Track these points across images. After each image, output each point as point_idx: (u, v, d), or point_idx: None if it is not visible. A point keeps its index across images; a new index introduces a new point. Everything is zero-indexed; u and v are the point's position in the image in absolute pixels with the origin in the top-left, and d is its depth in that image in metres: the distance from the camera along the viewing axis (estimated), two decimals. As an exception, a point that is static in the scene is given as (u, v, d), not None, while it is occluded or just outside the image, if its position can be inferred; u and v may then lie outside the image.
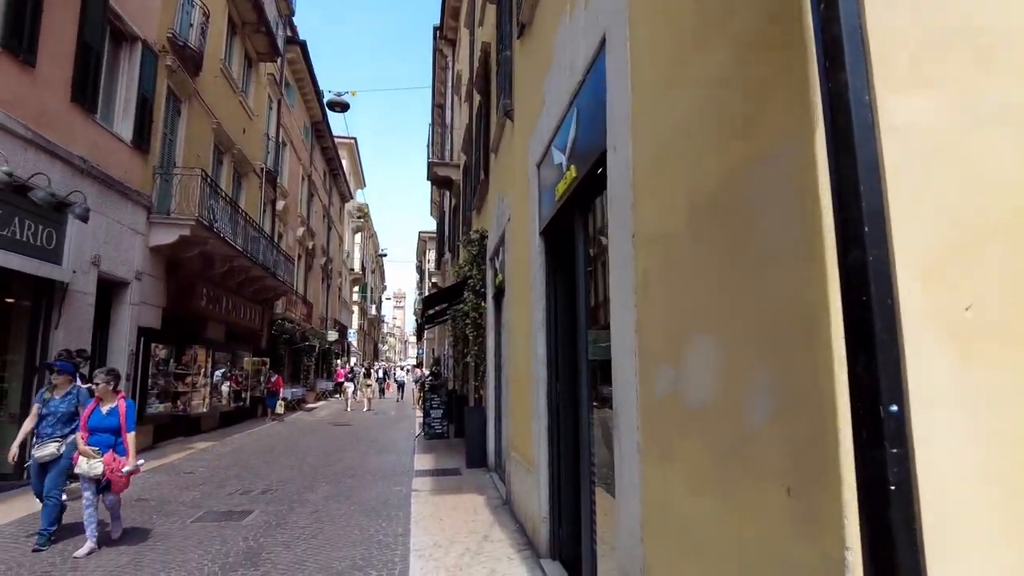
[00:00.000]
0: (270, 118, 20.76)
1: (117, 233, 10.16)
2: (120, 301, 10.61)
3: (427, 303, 10.95)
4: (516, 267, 6.58)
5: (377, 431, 15.69)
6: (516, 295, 6.61)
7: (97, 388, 5.51)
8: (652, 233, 2.54)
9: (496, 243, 8.56)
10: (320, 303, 31.80)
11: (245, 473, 9.50)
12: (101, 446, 5.39)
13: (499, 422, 9.20)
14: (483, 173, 10.67)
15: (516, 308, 6.57)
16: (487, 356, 9.58)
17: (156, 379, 11.54)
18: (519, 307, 6.35)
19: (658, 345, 2.44)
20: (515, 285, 6.67)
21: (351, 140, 42.75)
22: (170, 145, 12.43)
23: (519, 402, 6.31)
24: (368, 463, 10.48)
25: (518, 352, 6.40)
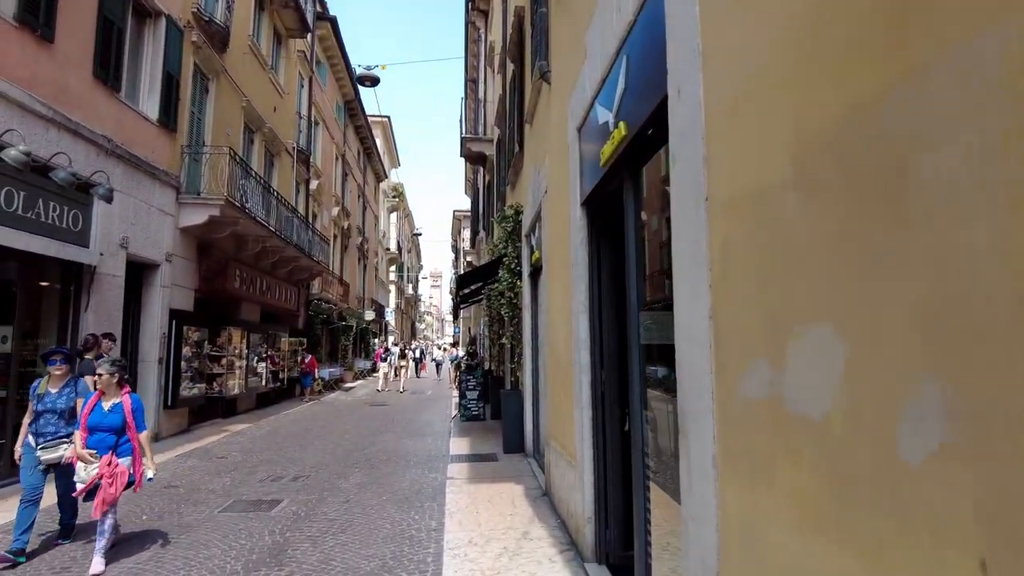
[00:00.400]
0: (301, 96, 20.48)
1: (145, 214, 9.97)
2: (151, 283, 10.46)
3: (461, 282, 10.52)
4: (554, 243, 6.07)
5: (413, 412, 15.47)
6: (554, 273, 6.10)
7: (100, 380, 4.80)
8: (735, 193, 2.00)
9: (532, 218, 8.05)
10: (356, 283, 31.81)
11: (278, 457, 9.31)
12: (100, 448, 4.70)
13: (537, 406, 8.78)
14: (517, 145, 10.15)
15: (554, 287, 6.07)
16: (523, 337, 9.12)
17: (190, 362, 11.44)
18: (557, 286, 5.85)
19: (746, 335, 1.91)
20: (553, 263, 6.16)
21: (384, 119, 42.43)
22: (198, 124, 12.19)
23: (558, 388, 5.84)
24: (403, 447, 10.19)
25: (557, 335, 5.91)
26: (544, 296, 6.83)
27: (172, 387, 10.66)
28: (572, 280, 4.92)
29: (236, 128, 14.08)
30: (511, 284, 9.40)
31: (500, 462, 8.57)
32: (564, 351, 5.44)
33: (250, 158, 15.40)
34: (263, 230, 13.55)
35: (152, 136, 10.22)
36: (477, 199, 27.68)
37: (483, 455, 9.07)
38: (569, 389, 5.15)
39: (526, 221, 8.78)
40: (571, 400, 5.08)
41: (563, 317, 5.51)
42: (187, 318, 11.25)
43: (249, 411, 15.02)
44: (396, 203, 48.72)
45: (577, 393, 4.77)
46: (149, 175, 10.07)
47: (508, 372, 12.28)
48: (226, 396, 13.42)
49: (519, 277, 9.43)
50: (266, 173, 16.74)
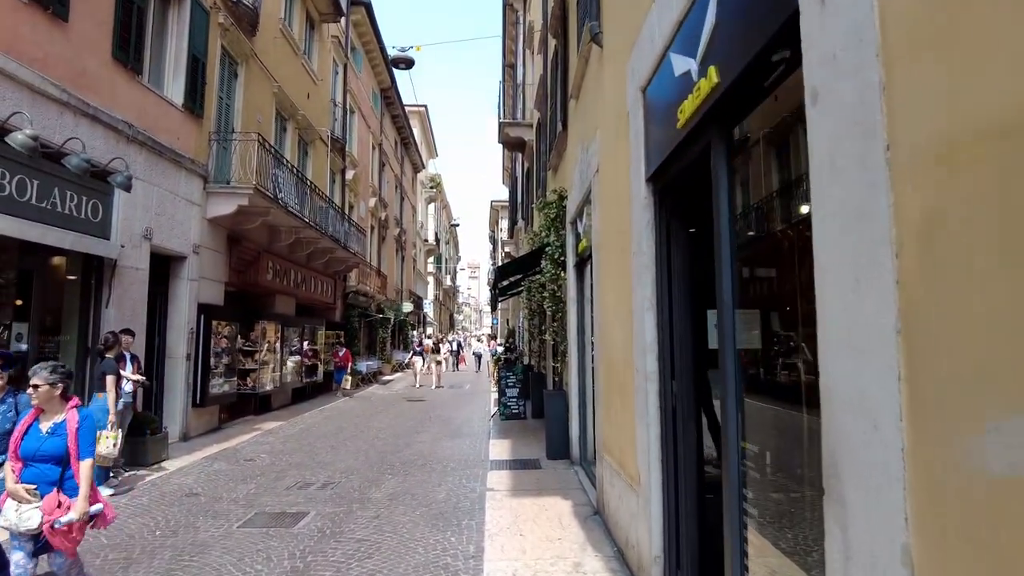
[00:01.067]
0: (336, 83, 20.01)
1: (170, 204, 9.53)
2: (177, 277, 10.04)
3: (500, 274, 9.81)
4: (608, 228, 5.29)
5: (451, 409, 14.89)
6: (608, 264, 5.33)
7: (35, 395, 3.54)
8: (958, 135, 1.21)
9: (579, 203, 7.27)
10: (394, 274, 31.47)
11: (308, 460, 8.79)
12: (41, 483, 3.48)
13: (583, 408, 8.03)
14: (561, 125, 9.37)
15: (609, 281, 5.29)
16: (568, 334, 8.37)
17: (220, 357, 11.03)
18: (613, 279, 5.07)
19: (987, 369, 1.13)
20: (607, 251, 5.39)
21: (422, 108, 41.94)
22: (227, 110, 11.74)
23: (614, 396, 5.08)
24: (440, 449, 9.57)
25: (611, 335, 5.15)
26: (594, 290, 6.06)
27: (201, 384, 10.26)
28: (634, 271, 4.14)
29: (267, 115, 13.62)
30: (554, 276, 8.65)
31: (544, 470, 7.85)
32: (622, 354, 4.68)
33: (283, 147, 14.96)
34: (296, 220, 13.07)
35: (177, 122, 9.77)
36: (515, 188, 26.94)
37: (525, 461, 8.37)
38: (628, 399, 4.39)
39: (571, 206, 8.02)
40: (630, 411, 4.32)
41: (620, 315, 4.74)
42: (216, 312, 10.83)
43: (284, 407, 14.66)
44: (434, 194, 48.29)
45: (641, 406, 4.00)
46: (174, 163, 9.62)
47: (550, 370, 11.56)
48: (259, 393, 13.03)
49: (563, 268, 8.67)
50: (299, 162, 16.30)
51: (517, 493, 6.77)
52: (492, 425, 11.88)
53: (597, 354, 5.93)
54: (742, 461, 2.70)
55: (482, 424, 12.23)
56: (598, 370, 5.88)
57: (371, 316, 23.95)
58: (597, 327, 5.92)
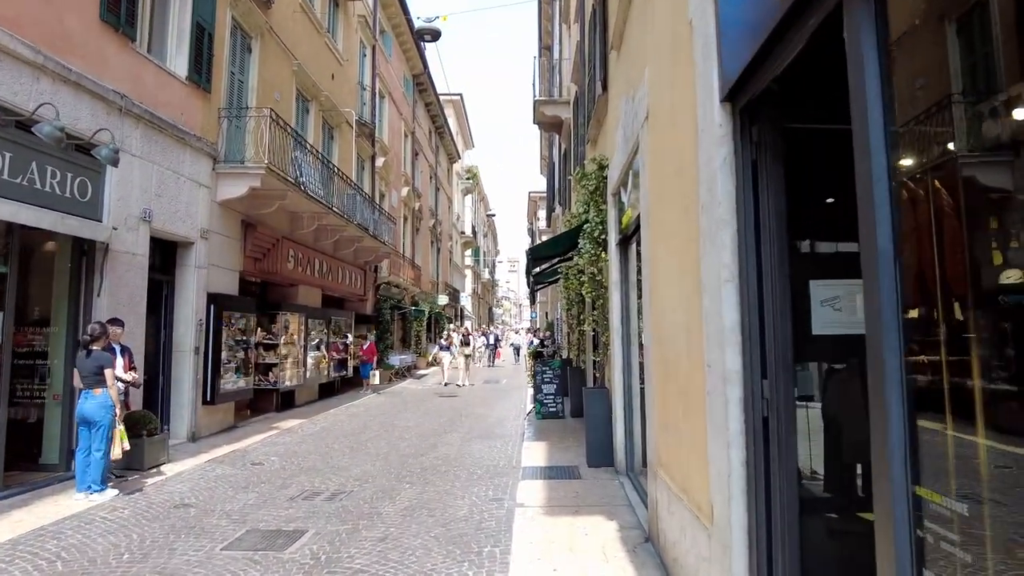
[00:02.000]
0: (364, 66, 19.19)
1: (173, 184, 8.76)
2: (184, 264, 9.29)
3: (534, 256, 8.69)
4: (663, 186, 4.17)
5: (484, 405, 13.91)
6: (664, 231, 4.21)
7: None
8: None
9: (623, 167, 6.16)
10: (429, 266, 30.71)
11: (322, 464, 7.92)
12: None
13: (629, 409, 6.93)
14: (600, 86, 8.26)
15: (665, 252, 4.18)
16: (611, 323, 7.27)
17: (234, 351, 10.28)
18: (671, 250, 3.96)
19: None
20: (661, 215, 4.27)
21: (456, 97, 41.06)
22: (240, 87, 10.95)
23: (673, 400, 3.98)
24: (467, 453, 8.59)
25: (669, 320, 4.03)
26: (644, 268, 4.94)
27: (211, 380, 9.51)
28: (704, 231, 3.03)
29: (287, 94, 12.82)
30: (593, 256, 7.55)
31: (584, 481, 6.78)
32: (684, 347, 3.57)
33: (305, 129, 14.17)
34: (317, 205, 12.26)
35: (181, 96, 8.99)
36: (553, 174, 25.80)
37: (562, 469, 7.31)
38: (696, 406, 3.28)
39: (613, 175, 6.90)
40: (698, 422, 3.22)
41: (682, 294, 3.63)
42: (229, 302, 10.07)
43: (309, 403, 13.93)
44: (471, 185, 47.41)
45: (717, 416, 2.90)
46: (178, 140, 8.84)
47: (590, 364, 10.45)
48: (280, 388, 12.29)
49: (604, 248, 7.56)
50: (324, 147, 15.52)
51: (552, 510, 5.72)
52: (527, 425, 10.86)
53: (648, 347, 4.82)
54: (916, 522, 1.58)
55: (516, 423, 11.21)
56: (649, 367, 4.78)
57: (404, 308, 23.18)
58: (647, 314, 4.81)
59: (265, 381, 12.22)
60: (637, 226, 5.94)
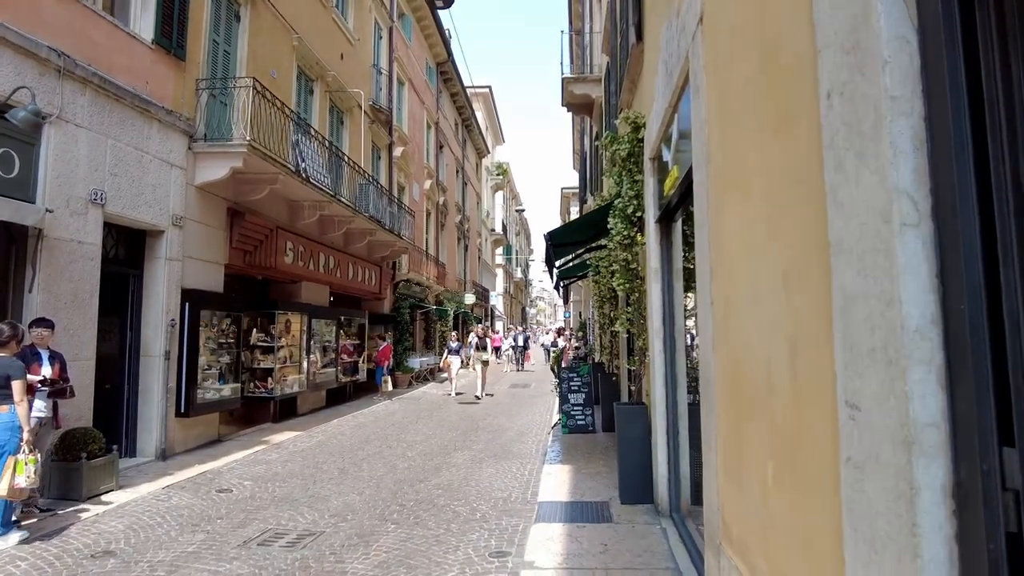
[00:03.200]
0: (379, 48, 17.96)
1: (135, 163, 7.56)
2: (153, 256, 8.10)
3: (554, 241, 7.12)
4: (734, 99, 2.67)
5: (505, 415, 12.47)
6: (735, 169, 2.71)
7: None
8: None
9: (665, 115, 4.67)
10: (455, 264, 29.44)
11: (300, 493, 6.60)
12: None
13: (675, 434, 5.42)
14: (635, 34, 6.81)
15: (737, 204, 2.66)
16: (649, 322, 5.76)
17: (217, 355, 9.07)
18: (750, 195, 2.46)
19: None
20: (732, 145, 2.75)
21: (485, 89, 39.72)
22: (225, 59, 9.74)
23: (753, 444, 2.47)
24: (475, 479, 7.17)
25: (746, 316, 2.52)
26: (699, 236, 3.42)
27: (186, 389, 8.29)
28: (836, 140, 1.52)
29: (285, 72, 11.61)
30: (626, 239, 6.04)
31: (616, 525, 5.28)
32: (785, 360, 2.06)
33: (309, 111, 12.96)
34: (317, 192, 11.01)
35: (145, 62, 7.79)
36: (584, 164, 24.27)
37: (589, 506, 5.82)
38: (810, 470, 1.78)
39: (652, 131, 5.39)
40: (817, 506, 1.71)
41: (773, 270, 2.13)
42: (209, 300, 8.85)
43: (314, 411, 12.70)
44: (501, 181, 46.05)
45: (875, 514, 1.39)
46: (141, 112, 7.64)
47: (624, 374, 8.93)
48: (277, 396, 11.06)
49: (639, 228, 6.06)
50: (333, 132, 14.31)
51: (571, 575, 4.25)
52: (550, 440, 9.38)
53: (705, 355, 3.31)
54: None
55: (538, 438, 9.73)
56: (708, 383, 3.26)
57: (426, 308, 21.90)
58: (704, 307, 3.30)
59: (261, 388, 11.03)
60: (684, 192, 4.44)
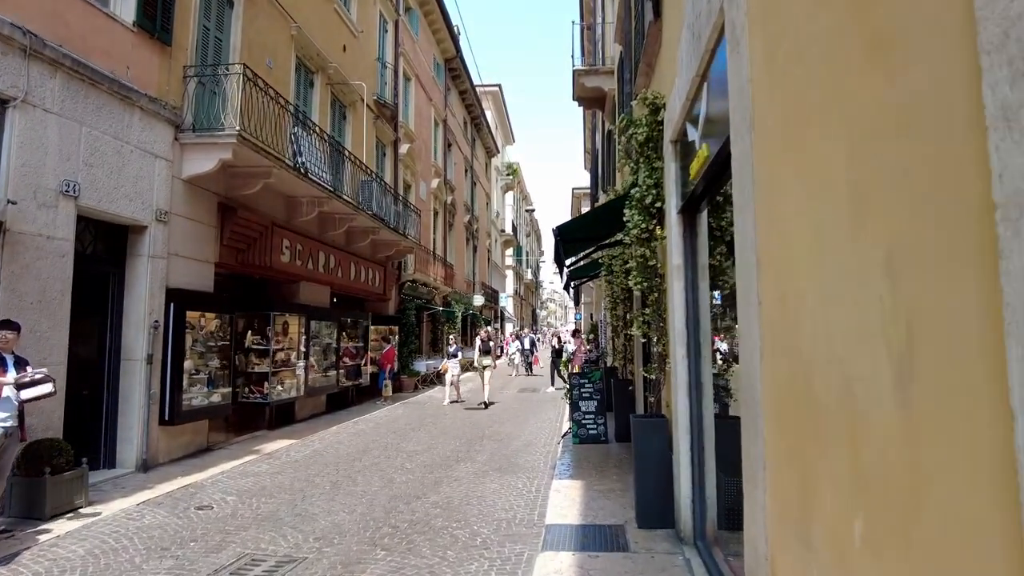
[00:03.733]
0: (385, 42, 17.45)
1: (113, 154, 7.05)
2: (135, 253, 7.58)
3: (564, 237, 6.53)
4: (786, 49, 2.07)
5: (513, 422, 11.87)
6: (793, 140, 2.10)
7: None
8: None
9: (691, 88, 4.07)
10: (464, 265, 28.90)
11: (286, 511, 6.04)
12: None
13: (700, 450, 4.82)
14: (652, 11, 6.23)
15: (802, 176, 2.05)
16: (671, 325, 5.14)
17: (206, 358, 8.55)
18: (814, 164, 1.85)
19: None
20: (793, 105, 2.14)
21: (495, 88, 39.18)
22: (217, 46, 9.23)
23: (823, 488, 1.86)
24: (478, 496, 6.58)
25: (820, 319, 1.90)
26: (741, 220, 2.80)
27: (171, 395, 7.76)
28: None
29: (283, 62, 11.11)
30: (644, 231, 5.43)
31: (632, 556, 4.66)
32: (875, 369, 1.43)
33: (309, 104, 12.46)
34: (315, 188, 10.48)
35: (125, 46, 7.28)
36: (596, 162, 23.65)
37: (601, 530, 5.21)
38: (931, 518, 1.17)
39: (674, 110, 4.79)
40: None
41: (849, 256, 1.52)
42: (196, 300, 8.32)
43: (314, 417, 12.16)
44: (511, 181, 45.49)
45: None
46: (121, 99, 7.13)
47: (639, 381, 8.32)
48: (272, 402, 10.53)
49: (658, 221, 5.44)
50: (335, 127, 13.80)
51: (581, 620, 3.64)
52: (560, 450, 8.77)
53: (750, 367, 2.68)
54: None
55: (547, 449, 9.13)
56: (752, 404, 2.64)
57: (432, 309, 21.35)
58: (749, 311, 2.68)
59: (256, 393, 10.51)
60: (714, 174, 3.83)
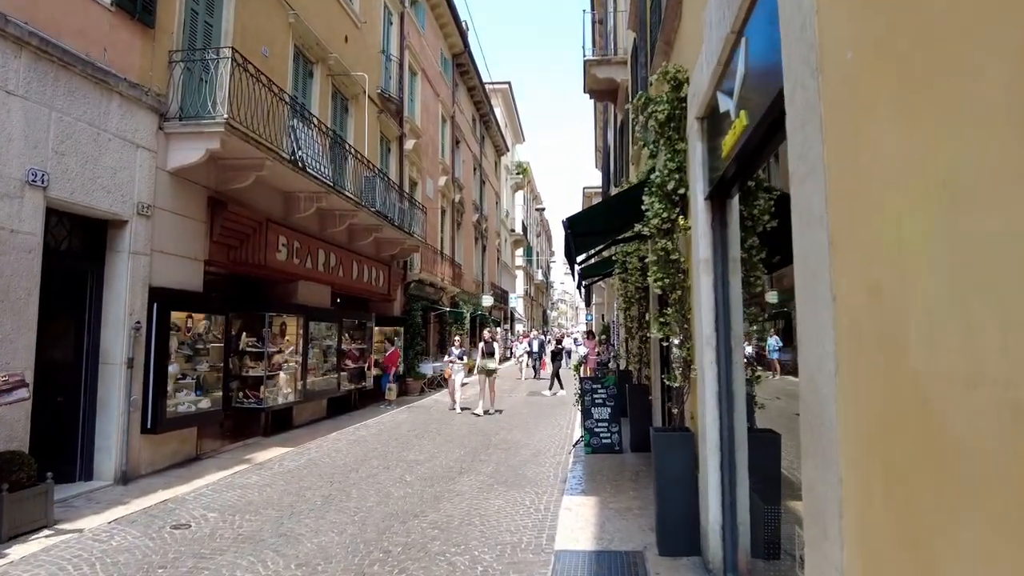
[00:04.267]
0: (390, 34, 16.94)
1: (89, 142, 6.54)
2: (115, 249, 7.08)
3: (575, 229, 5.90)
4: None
5: (522, 428, 11.29)
6: (900, 74, 1.50)
7: None
8: None
9: (722, 57, 3.50)
10: (473, 265, 28.35)
11: (270, 530, 5.50)
12: None
13: (731, 469, 4.23)
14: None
15: (908, 125, 1.45)
16: (697, 327, 4.54)
17: (194, 362, 8.03)
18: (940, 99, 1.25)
19: None
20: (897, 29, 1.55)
21: (505, 85, 38.62)
22: (206, 31, 8.72)
23: (962, 548, 1.27)
24: (481, 513, 6.01)
25: (945, 320, 1.31)
26: (802, 197, 2.20)
27: (154, 402, 7.25)
28: None
29: (280, 50, 10.60)
30: (665, 221, 4.83)
31: (654, 590, 4.08)
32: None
33: (308, 96, 11.95)
34: (312, 182, 9.95)
35: (102, 26, 6.77)
36: (608, 159, 23.02)
37: (618, 557, 4.62)
38: None
39: (701, 83, 4.19)
40: None
41: (996, 221, 0.91)
42: (182, 300, 7.81)
43: (314, 422, 11.64)
44: (521, 180, 44.90)
45: None
46: (97, 84, 6.63)
47: (657, 388, 7.72)
48: (267, 408, 10.01)
49: (681, 209, 4.85)
50: (336, 120, 13.29)
51: None
52: (571, 462, 8.17)
53: (814, 383, 2.08)
54: None
55: (557, 459, 8.53)
56: (820, 430, 2.04)
57: (439, 310, 20.81)
58: (819, 309, 2.09)
59: (251, 397, 9.99)
60: (755, 148, 3.24)
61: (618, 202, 6.20)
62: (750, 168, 3.63)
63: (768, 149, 3.20)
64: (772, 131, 2.95)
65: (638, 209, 5.65)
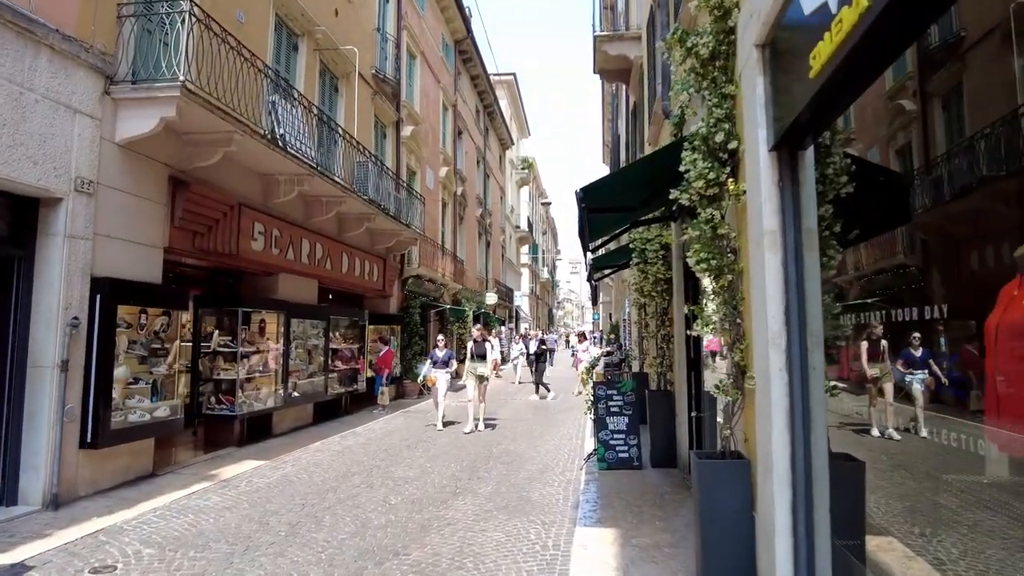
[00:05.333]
0: (386, 12, 15.87)
1: (9, 103, 5.48)
2: (47, 232, 6.03)
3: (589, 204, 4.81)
4: None
5: (526, 438, 10.19)
6: None
7: None
8: None
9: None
10: (476, 261, 27.28)
11: (214, 572, 4.43)
12: None
13: (808, 511, 3.12)
14: None
15: None
16: (757, 324, 3.45)
17: (148, 364, 6.98)
18: None
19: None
20: None
21: (510, 76, 37.48)
22: (168, -13, 7.65)
23: None
24: (473, 554, 4.92)
25: None
26: None
27: (95, 411, 6.19)
28: None
29: (257, 16, 9.54)
30: (711, 184, 3.73)
31: None
32: None
33: (292, 71, 10.89)
34: (292, 162, 8.89)
35: (30, -33, 5.72)
36: (617, 150, 21.93)
37: (650, 625, 3.53)
38: None
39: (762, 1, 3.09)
40: None
41: None
42: (132, 292, 6.74)
43: (296, 430, 10.57)
44: (526, 176, 43.73)
45: None
46: (20, 34, 5.58)
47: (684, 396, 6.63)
48: (241, 415, 8.95)
49: (732, 169, 3.75)
50: (325, 99, 12.23)
51: None
52: (584, 480, 7.08)
53: None
54: None
55: (566, 477, 7.43)
56: None
57: (441, 307, 19.74)
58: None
59: (224, 403, 8.94)
60: (858, 65, 2.14)
61: (642, 169, 5.09)
62: (851, 92, 2.53)
63: (901, 43, 2.10)
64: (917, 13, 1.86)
65: (668, 179, 4.56)
